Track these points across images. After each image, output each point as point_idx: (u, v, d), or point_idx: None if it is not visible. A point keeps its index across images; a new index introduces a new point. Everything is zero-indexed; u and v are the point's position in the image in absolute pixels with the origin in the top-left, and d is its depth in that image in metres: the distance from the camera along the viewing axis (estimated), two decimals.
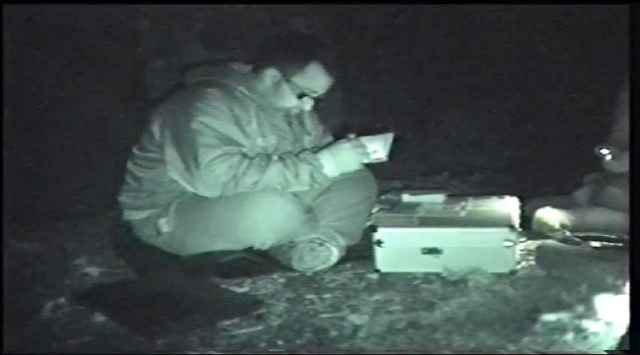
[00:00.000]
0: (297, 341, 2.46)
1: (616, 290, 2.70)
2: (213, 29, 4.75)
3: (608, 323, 2.40)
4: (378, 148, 3.23)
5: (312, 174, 3.15)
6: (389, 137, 3.24)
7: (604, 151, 3.53)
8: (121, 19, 4.34)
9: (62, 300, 2.83)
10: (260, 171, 3.07)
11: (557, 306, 2.63)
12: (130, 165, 3.34)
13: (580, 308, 2.57)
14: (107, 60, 4.32)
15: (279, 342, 2.45)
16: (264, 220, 3.10)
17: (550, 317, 2.54)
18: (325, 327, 2.57)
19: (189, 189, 3.15)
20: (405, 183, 4.37)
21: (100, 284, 3.10)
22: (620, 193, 3.52)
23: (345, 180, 3.29)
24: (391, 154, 3.24)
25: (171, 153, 3.15)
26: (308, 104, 3.28)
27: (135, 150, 3.32)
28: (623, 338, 2.24)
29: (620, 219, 3.46)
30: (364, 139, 3.23)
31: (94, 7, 4.09)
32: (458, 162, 5.05)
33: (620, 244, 3.33)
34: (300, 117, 3.43)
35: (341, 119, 4.82)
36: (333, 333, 2.52)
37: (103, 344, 2.49)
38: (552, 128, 5.14)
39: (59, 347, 2.45)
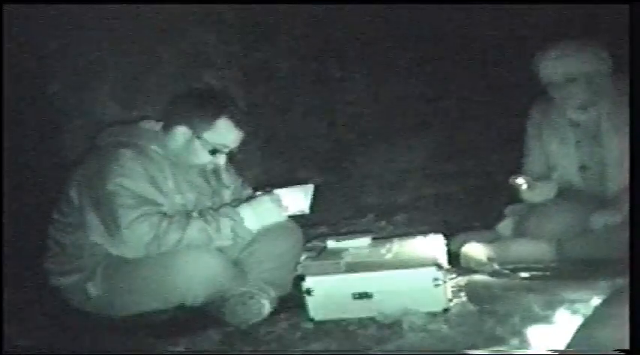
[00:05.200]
0: None
1: (546, 320, 2.76)
2: (124, 86, 4.70)
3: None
4: (298, 200, 3.25)
5: (233, 228, 3.13)
6: (309, 189, 3.27)
7: (519, 181, 3.61)
8: None
9: None
10: (181, 228, 3.04)
11: (492, 341, 2.66)
12: (51, 230, 3.28)
13: (514, 341, 2.62)
14: None
15: None
16: (191, 277, 3.07)
17: (485, 352, 2.58)
18: None
19: (113, 251, 3.11)
20: (331, 228, 4.39)
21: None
22: (540, 223, 3.61)
23: (269, 230, 3.27)
24: (313, 205, 3.26)
25: (90, 217, 3.11)
26: (221, 159, 3.27)
27: (54, 216, 3.27)
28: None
29: (544, 247, 3.54)
30: (285, 191, 3.25)
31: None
32: (382, 203, 5.09)
33: (547, 273, 3.41)
34: (216, 171, 3.42)
35: (260, 168, 4.82)
36: None
37: None
38: (472, 162, 5.22)
39: None
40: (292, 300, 3.29)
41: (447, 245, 3.51)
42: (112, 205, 3.02)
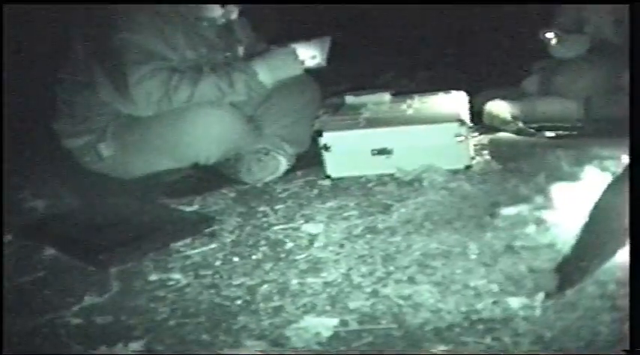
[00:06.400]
0: (253, 257, 2.38)
1: (573, 177, 2.65)
2: None
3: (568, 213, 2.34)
4: (315, 53, 3.11)
5: (246, 82, 2.99)
6: (326, 41, 3.13)
7: (549, 35, 3.46)
8: None
9: (9, 238, 2.69)
10: (192, 83, 2.90)
11: (516, 199, 2.57)
12: (59, 90, 3.16)
13: (539, 200, 2.52)
14: None
15: (235, 259, 2.38)
16: (204, 134, 2.96)
17: (510, 210, 2.49)
18: (280, 239, 2.50)
19: (123, 109, 2.99)
20: (350, 85, 4.26)
21: (46, 217, 2.94)
22: (569, 79, 3.47)
23: (286, 86, 3.14)
24: (330, 58, 3.13)
25: (98, 74, 2.98)
26: (233, 12, 3.12)
27: (62, 75, 3.14)
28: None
29: (572, 105, 3.41)
30: (301, 44, 3.11)
31: None
32: (402, 60, 4.94)
33: (574, 132, 3.29)
34: (229, 26, 3.25)
35: (277, 25, 4.66)
36: (289, 245, 2.45)
37: (55, 278, 2.39)
38: (494, 18, 5.04)
39: (12, 285, 2.33)
40: (309, 157, 3.20)
41: (470, 102, 3.39)
42: (120, 61, 2.88)
